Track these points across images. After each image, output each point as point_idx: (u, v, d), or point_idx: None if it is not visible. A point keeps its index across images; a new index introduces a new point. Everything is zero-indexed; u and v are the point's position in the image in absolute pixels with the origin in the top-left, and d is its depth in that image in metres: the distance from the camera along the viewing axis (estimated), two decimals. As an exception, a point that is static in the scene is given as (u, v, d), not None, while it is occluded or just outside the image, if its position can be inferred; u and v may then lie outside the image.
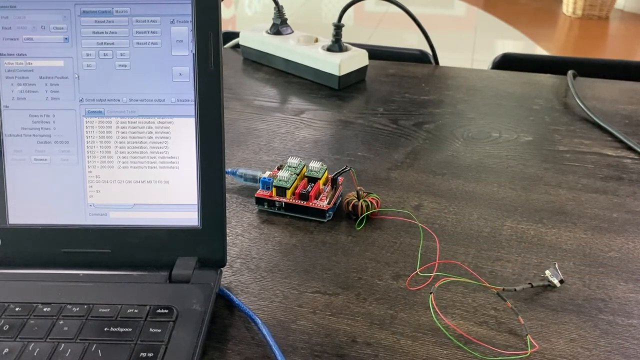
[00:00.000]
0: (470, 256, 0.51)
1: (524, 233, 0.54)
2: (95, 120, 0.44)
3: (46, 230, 0.45)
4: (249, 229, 0.54)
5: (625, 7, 3.85)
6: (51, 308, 0.41)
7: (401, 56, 1.02)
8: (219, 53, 0.44)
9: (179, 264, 0.44)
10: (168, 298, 0.42)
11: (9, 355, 0.38)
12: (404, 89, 0.84)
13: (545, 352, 0.42)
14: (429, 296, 0.45)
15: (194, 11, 0.43)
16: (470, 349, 0.41)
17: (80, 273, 0.44)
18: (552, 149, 0.69)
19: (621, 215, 0.57)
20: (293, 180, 0.56)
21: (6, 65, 0.44)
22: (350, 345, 0.42)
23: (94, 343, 0.38)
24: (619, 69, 1.00)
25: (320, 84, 0.85)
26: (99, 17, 0.44)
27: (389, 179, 0.62)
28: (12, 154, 0.45)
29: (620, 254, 0.51)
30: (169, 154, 0.45)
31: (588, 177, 0.63)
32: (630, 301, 0.46)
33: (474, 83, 0.87)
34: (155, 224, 0.45)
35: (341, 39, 0.85)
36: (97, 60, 0.44)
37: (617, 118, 0.76)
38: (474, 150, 0.68)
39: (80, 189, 0.45)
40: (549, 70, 0.91)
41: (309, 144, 0.70)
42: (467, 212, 0.57)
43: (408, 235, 0.53)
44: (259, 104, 0.80)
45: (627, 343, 0.42)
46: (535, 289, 0.47)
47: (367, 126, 0.74)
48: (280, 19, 0.91)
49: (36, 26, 0.44)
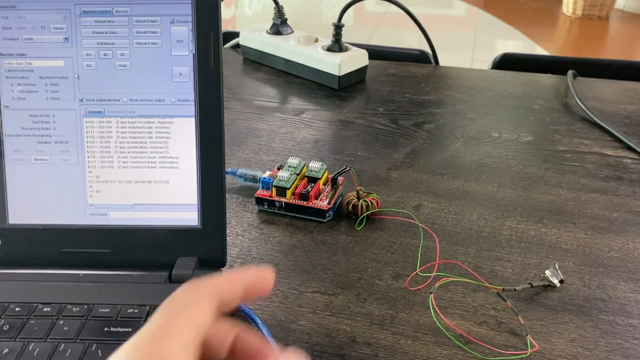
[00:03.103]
0: (470, 256, 0.51)
1: (524, 233, 0.54)
2: (95, 120, 0.44)
3: (46, 230, 0.45)
4: (249, 229, 0.54)
5: (625, 7, 3.85)
6: (51, 308, 0.41)
7: (401, 56, 1.02)
8: (219, 53, 0.44)
9: (179, 264, 0.44)
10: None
11: (9, 355, 0.38)
12: (404, 89, 0.84)
13: (545, 352, 0.42)
14: (429, 296, 0.45)
15: (194, 11, 0.43)
16: (470, 349, 0.41)
17: (80, 273, 0.44)
18: (552, 149, 0.69)
19: (621, 215, 0.57)
20: (293, 180, 0.56)
21: (6, 65, 0.44)
22: (350, 345, 0.42)
23: (94, 343, 0.38)
24: (619, 69, 1.00)
25: (320, 84, 0.85)
26: (99, 17, 0.44)
27: (389, 179, 0.62)
28: (12, 154, 0.45)
29: (620, 254, 0.51)
30: (169, 154, 0.45)
31: (588, 177, 0.63)
32: (630, 301, 0.46)
33: (474, 83, 0.87)
34: (155, 224, 0.45)
35: (341, 39, 0.85)
36: (97, 60, 0.44)
37: (617, 118, 0.76)
38: (474, 150, 0.68)
39: (80, 189, 0.45)
40: (549, 70, 0.91)
41: (309, 144, 0.70)
42: (467, 212, 0.57)
43: (408, 235, 0.53)
44: (259, 104, 0.80)
45: (627, 343, 0.42)
46: (535, 289, 0.47)
47: (367, 126, 0.74)
48: (280, 19, 0.91)
49: (36, 26, 0.44)
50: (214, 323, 0.29)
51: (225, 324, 0.29)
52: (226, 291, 0.30)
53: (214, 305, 0.29)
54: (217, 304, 0.29)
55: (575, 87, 0.81)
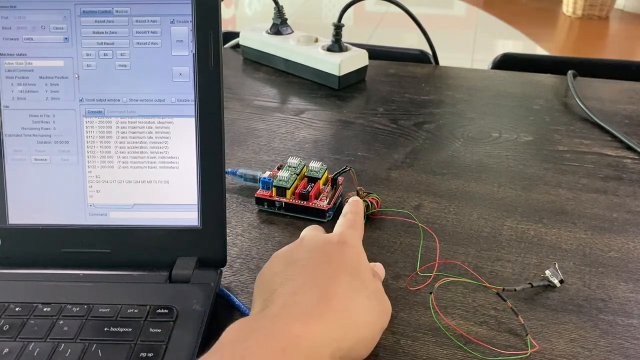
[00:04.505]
0: (470, 256, 0.51)
1: (524, 233, 0.54)
2: (95, 120, 0.44)
3: (46, 230, 0.45)
4: (249, 229, 0.54)
5: (625, 7, 3.85)
6: (51, 308, 0.41)
7: (401, 56, 1.02)
8: (219, 53, 0.44)
9: (179, 264, 0.44)
10: (168, 298, 0.42)
11: (9, 355, 0.38)
12: (404, 89, 0.84)
13: (545, 352, 0.42)
14: (429, 296, 0.45)
15: (194, 11, 0.43)
16: (470, 349, 0.41)
17: (80, 273, 0.44)
18: (552, 149, 0.69)
19: (621, 215, 0.57)
20: (293, 180, 0.56)
21: (6, 65, 0.44)
22: (350, 345, 0.42)
23: (94, 343, 0.38)
24: (619, 69, 1.00)
25: (320, 84, 0.85)
26: (99, 17, 0.44)
27: (389, 179, 0.62)
28: (12, 154, 0.45)
29: (620, 254, 0.51)
30: (169, 154, 0.45)
31: (588, 177, 0.63)
32: (630, 301, 0.46)
33: (474, 83, 0.87)
34: (155, 224, 0.45)
35: (341, 39, 0.85)
36: (97, 60, 0.44)
37: (617, 118, 0.76)
38: (474, 150, 0.68)
39: (80, 189, 0.45)
40: (549, 70, 0.91)
41: (309, 144, 0.70)
42: (467, 212, 0.57)
43: (408, 235, 0.53)
44: (259, 104, 0.80)
45: (627, 343, 0.42)
46: (535, 289, 0.47)
47: (367, 126, 0.74)
48: (280, 19, 0.91)
49: (36, 26, 0.44)
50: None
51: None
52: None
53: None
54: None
55: (575, 87, 0.81)
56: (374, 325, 0.39)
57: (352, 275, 0.39)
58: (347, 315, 0.36)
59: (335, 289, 0.37)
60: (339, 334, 0.35)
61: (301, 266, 0.39)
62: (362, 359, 0.39)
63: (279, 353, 0.32)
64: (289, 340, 0.33)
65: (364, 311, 0.38)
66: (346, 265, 0.40)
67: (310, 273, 0.38)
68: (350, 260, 0.40)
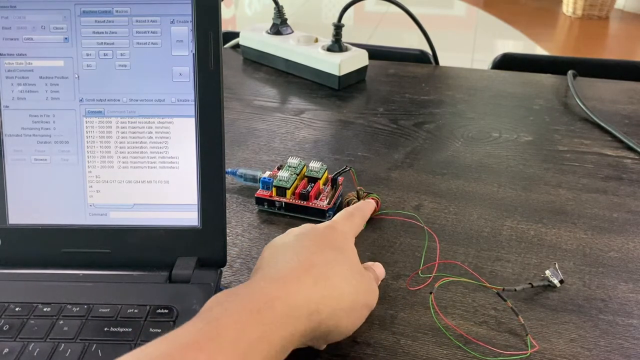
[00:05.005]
0: (470, 256, 0.51)
1: (524, 233, 0.54)
2: (95, 120, 0.44)
3: (46, 230, 0.45)
4: (249, 229, 0.54)
5: (625, 7, 3.85)
6: (51, 308, 0.41)
7: (401, 56, 1.02)
8: (219, 53, 0.44)
9: (179, 264, 0.44)
10: (168, 298, 0.42)
11: (9, 355, 0.38)
12: (404, 89, 0.84)
13: (545, 352, 0.42)
14: (429, 296, 0.45)
15: (194, 11, 0.43)
16: (470, 349, 0.41)
17: (80, 273, 0.44)
18: (552, 149, 0.69)
19: (621, 215, 0.57)
20: (293, 180, 0.56)
21: (6, 65, 0.44)
22: (351, 345, 0.42)
23: (94, 343, 0.38)
24: (619, 69, 1.00)
25: (320, 84, 0.85)
26: (99, 17, 0.44)
27: (389, 179, 0.62)
28: (12, 154, 0.45)
29: (620, 254, 0.51)
30: (169, 154, 0.45)
31: (588, 177, 0.63)
32: (630, 301, 0.46)
33: (474, 83, 0.87)
34: (155, 224, 0.45)
35: (341, 39, 0.85)
36: (97, 60, 0.44)
37: (617, 118, 0.76)
38: (474, 150, 0.68)
39: (80, 189, 0.45)
40: (549, 70, 0.91)
41: (309, 144, 0.70)
42: (467, 212, 0.57)
43: (408, 235, 0.53)
44: (259, 104, 0.80)
45: (627, 343, 0.42)
46: (535, 289, 0.47)
47: (367, 126, 0.74)
48: (280, 19, 0.91)
49: (36, 26, 0.44)
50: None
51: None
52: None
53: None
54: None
55: (575, 87, 0.81)
56: (355, 297, 0.39)
57: (335, 251, 0.40)
58: (325, 279, 0.37)
59: (316, 260, 0.39)
60: (317, 296, 0.36)
61: (286, 247, 0.41)
62: (346, 334, 0.39)
63: (254, 314, 0.33)
64: (265, 302, 0.34)
65: (345, 281, 0.39)
66: (330, 242, 0.41)
67: (294, 249, 0.40)
68: (334, 240, 0.42)
